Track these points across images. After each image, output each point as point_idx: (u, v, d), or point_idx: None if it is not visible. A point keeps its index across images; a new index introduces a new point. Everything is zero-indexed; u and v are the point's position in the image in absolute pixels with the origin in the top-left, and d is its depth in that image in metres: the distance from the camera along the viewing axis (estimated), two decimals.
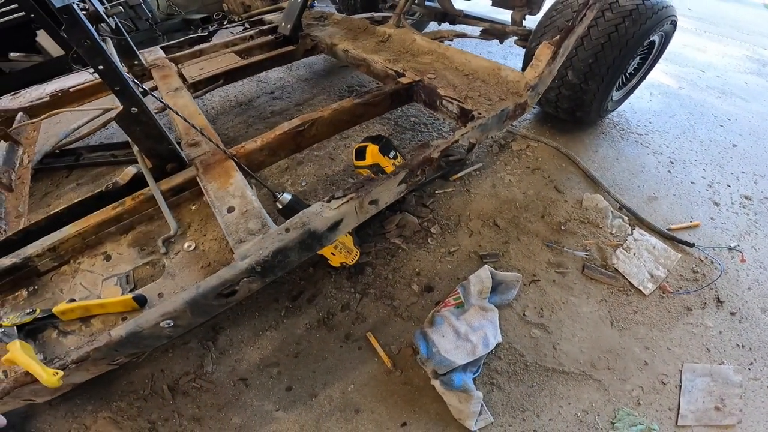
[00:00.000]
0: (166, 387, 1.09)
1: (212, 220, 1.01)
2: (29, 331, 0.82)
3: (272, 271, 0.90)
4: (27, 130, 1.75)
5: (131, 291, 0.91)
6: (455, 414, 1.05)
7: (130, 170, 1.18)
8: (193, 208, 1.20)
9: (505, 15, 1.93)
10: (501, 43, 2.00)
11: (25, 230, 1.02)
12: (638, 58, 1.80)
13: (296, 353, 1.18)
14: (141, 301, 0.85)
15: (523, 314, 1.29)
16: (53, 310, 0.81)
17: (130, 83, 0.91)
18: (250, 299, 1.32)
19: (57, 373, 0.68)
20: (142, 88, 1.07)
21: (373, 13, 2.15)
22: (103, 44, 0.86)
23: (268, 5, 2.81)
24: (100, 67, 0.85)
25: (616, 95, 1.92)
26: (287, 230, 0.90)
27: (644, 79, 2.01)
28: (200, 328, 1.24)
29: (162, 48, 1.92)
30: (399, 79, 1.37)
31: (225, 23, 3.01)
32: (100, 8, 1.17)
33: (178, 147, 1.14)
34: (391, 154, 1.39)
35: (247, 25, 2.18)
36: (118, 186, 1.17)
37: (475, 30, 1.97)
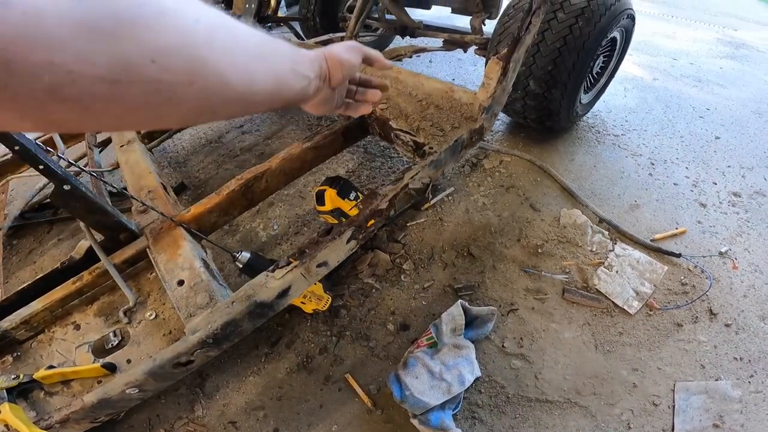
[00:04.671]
0: (163, 431, 1.14)
1: None
2: (19, 393, 0.92)
3: (226, 340, 0.90)
4: None
5: (119, 344, 0.99)
6: None
7: (84, 244, 1.17)
8: (151, 276, 1.19)
9: (467, 21, 1.85)
10: (465, 52, 1.93)
11: None
12: (602, 57, 1.72)
13: (279, 396, 1.19)
14: (111, 368, 0.94)
15: (503, 345, 1.25)
16: (34, 376, 0.91)
17: (52, 161, 0.88)
18: (232, 347, 1.32)
19: None
20: (71, 162, 1.05)
21: (332, 34, 2.09)
22: None
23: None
24: (16, 148, 0.83)
25: (584, 98, 1.84)
26: (233, 303, 0.89)
27: (613, 77, 1.92)
28: (188, 375, 1.24)
29: None
30: None
31: None
32: None
33: (124, 218, 1.11)
34: (351, 195, 1.35)
35: None
36: (74, 261, 1.18)
37: (439, 41, 1.90)
